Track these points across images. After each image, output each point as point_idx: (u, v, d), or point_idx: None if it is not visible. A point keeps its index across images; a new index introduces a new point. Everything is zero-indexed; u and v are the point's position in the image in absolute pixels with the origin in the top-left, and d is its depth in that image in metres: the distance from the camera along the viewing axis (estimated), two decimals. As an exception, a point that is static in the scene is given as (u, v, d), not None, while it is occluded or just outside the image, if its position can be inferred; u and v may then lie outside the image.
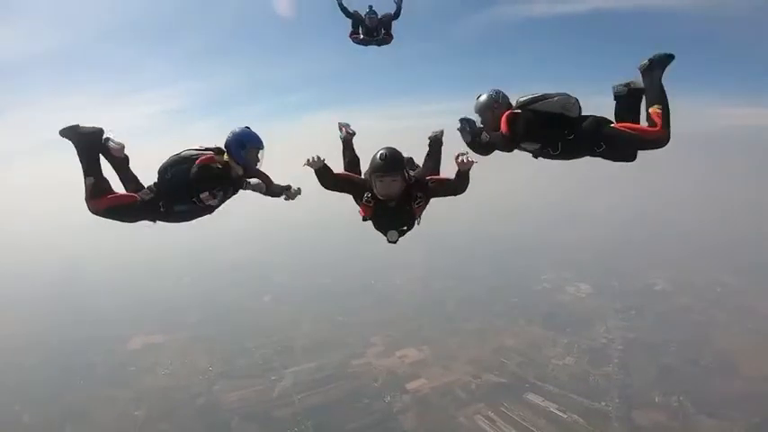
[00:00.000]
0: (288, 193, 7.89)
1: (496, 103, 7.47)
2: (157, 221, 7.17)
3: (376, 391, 62.37)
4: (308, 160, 6.70)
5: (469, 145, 7.49)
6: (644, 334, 70.23)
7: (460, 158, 6.58)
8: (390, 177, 6.51)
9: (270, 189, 7.60)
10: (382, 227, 7.28)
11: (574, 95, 7.19)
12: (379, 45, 13.70)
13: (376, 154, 6.60)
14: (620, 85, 7.43)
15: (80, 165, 6.92)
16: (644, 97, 7.13)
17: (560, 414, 56.11)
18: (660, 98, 6.81)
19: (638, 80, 7.21)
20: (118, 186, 7.15)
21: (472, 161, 6.59)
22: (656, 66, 6.94)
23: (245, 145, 6.89)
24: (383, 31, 13.56)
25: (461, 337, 73.24)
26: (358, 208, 7.25)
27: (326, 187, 7.00)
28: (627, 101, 7.40)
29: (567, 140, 7.10)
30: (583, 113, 7.21)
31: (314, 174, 6.84)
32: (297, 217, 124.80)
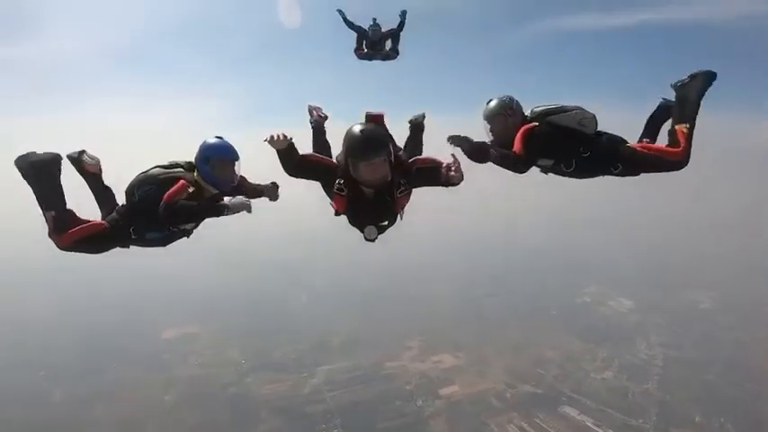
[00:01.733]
0: (267, 193, 6.98)
1: (510, 110, 6.96)
2: (131, 247, 6.77)
3: (408, 394, 63.69)
4: (272, 137, 5.75)
5: (470, 153, 6.59)
6: (686, 352, 70.15)
7: (452, 170, 5.74)
8: (379, 159, 5.59)
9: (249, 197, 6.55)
10: (359, 222, 6.43)
11: (591, 110, 6.92)
12: (383, 59, 13.55)
13: (353, 133, 5.65)
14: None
15: (36, 200, 6.51)
16: (672, 110, 6.98)
17: (596, 429, 56.50)
18: (691, 117, 6.65)
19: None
20: (92, 208, 6.82)
21: (462, 176, 5.80)
22: (697, 83, 6.77)
23: (209, 158, 6.32)
24: (389, 46, 13.49)
25: (498, 345, 74.00)
26: (329, 201, 6.29)
27: (290, 172, 6.07)
28: (663, 114, 7.33)
29: (582, 158, 6.80)
30: (599, 131, 6.97)
31: (277, 156, 5.98)
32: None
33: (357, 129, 5.62)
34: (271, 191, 6.93)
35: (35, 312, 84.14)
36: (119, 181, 6.82)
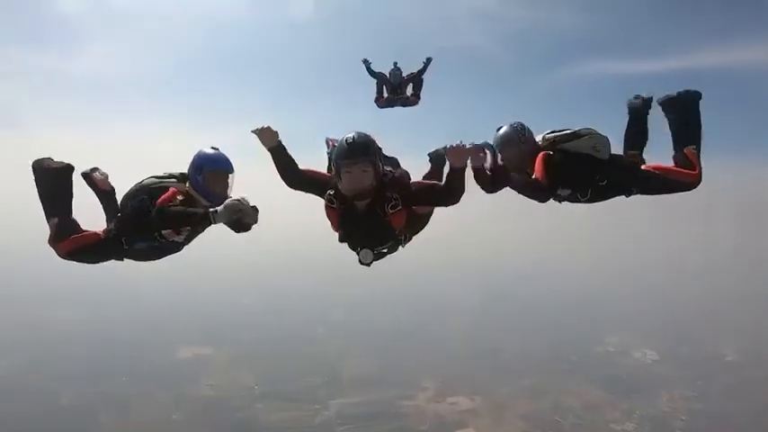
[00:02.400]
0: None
1: (522, 137, 6.87)
2: (124, 259, 6.79)
3: (422, 435, 62.15)
4: (259, 129, 5.98)
5: (491, 172, 6.62)
6: (711, 405, 68.58)
7: (455, 146, 5.68)
8: (360, 166, 5.58)
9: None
10: (353, 241, 6.29)
11: (603, 133, 6.83)
12: (404, 106, 13.05)
13: (342, 139, 5.71)
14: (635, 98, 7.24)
15: (41, 206, 6.71)
16: (673, 136, 7.07)
17: (615, 481, 55.27)
18: (696, 137, 6.80)
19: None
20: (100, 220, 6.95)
21: (469, 150, 5.86)
22: (686, 109, 6.93)
23: (202, 168, 6.28)
24: (411, 92, 13.00)
25: (515, 390, 73.21)
26: (329, 224, 6.35)
27: (289, 183, 6.17)
28: (637, 120, 7.29)
29: (598, 186, 6.76)
30: (613, 155, 6.97)
31: (272, 161, 6.11)
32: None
33: (347, 135, 5.67)
34: (248, 212, 5.79)
35: (53, 320, 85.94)
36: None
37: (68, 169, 6.76)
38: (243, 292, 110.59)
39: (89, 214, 7.10)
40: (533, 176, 6.63)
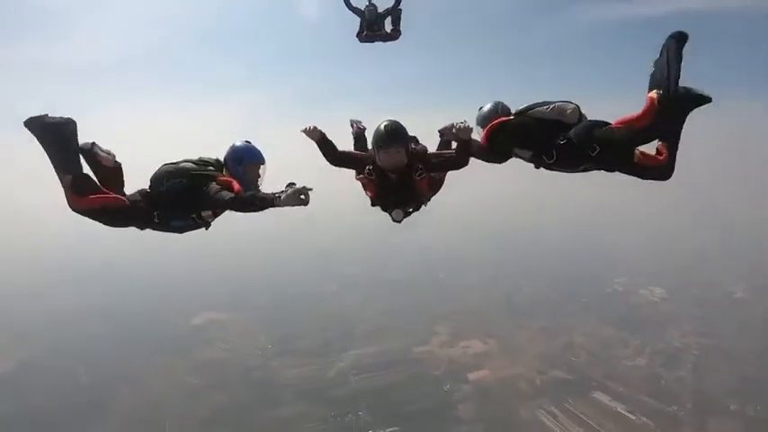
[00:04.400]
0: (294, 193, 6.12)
1: (496, 114, 7.41)
2: (145, 229, 6.97)
3: (436, 379, 65.20)
4: (306, 128, 7.12)
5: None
6: (722, 341, 70.37)
7: (456, 126, 6.81)
8: (395, 149, 6.81)
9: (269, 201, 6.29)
10: (387, 204, 7.49)
11: (574, 102, 6.91)
12: (384, 41, 13.26)
13: (379, 126, 6.93)
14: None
15: (50, 162, 6.56)
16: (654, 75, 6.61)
17: (628, 415, 57.39)
18: (663, 82, 6.30)
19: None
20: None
21: (469, 127, 6.81)
22: (669, 52, 6.39)
23: (242, 160, 6.90)
24: (392, 27, 13.13)
25: (529, 332, 75.24)
26: (365, 192, 7.61)
27: (332, 161, 7.29)
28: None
29: (560, 146, 6.80)
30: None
31: (318, 149, 7.25)
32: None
33: (382, 125, 6.89)
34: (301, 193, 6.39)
35: (69, 302, 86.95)
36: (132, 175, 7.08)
37: (70, 122, 6.53)
38: (256, 254, 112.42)
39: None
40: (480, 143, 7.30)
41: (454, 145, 7.23)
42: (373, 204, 7.64)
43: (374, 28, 13.03)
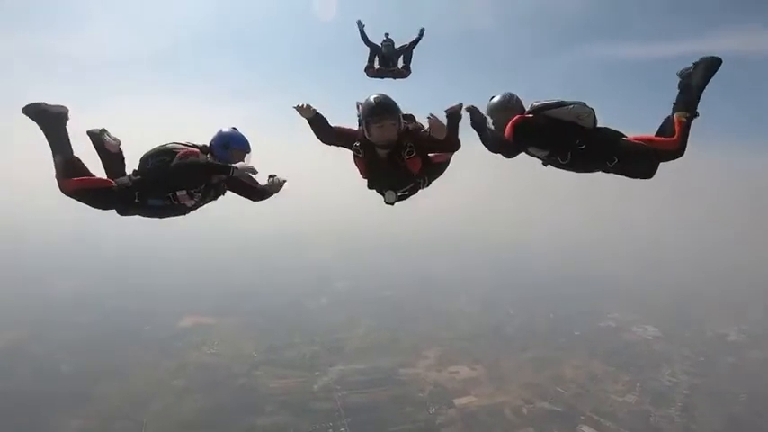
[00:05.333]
0: (271, 183, 7.71)
1: (510, 104, 7.45)
2: (126, 214, 7.18)
3: (421, 401, 64.07)
4: (299, 105, 6.98)
5: (479, 130, 7.22)
6: (712, 382, 70.08)
7: (432, 118, 6.66)
8: (386, 121, 6.62)
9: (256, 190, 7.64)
10: (378, 184, 7.33)
11: (590, 106, 7.09)
12: (394, 77, 13.34)
13: (369, 98, 6.74)
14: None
15: (48, 143, 7.02)
16: (675, 102, 6.97)
17: (615, 450, 56.29)
18: (690, 106, 6.70)
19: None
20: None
21: (443, 128, 6.67)
22: (700, 71, 6.77)
23: (229, 146, 7.14)
24: (402, 64, 13.31)
25: (517, 361, 74.63)
26: (357, 171, 7.40)
27: (323, 140, 7.19)
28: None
29: (578, 150, 7.01)
30: (599, 126, 7.19)
31: (309, 127, 7.12)
32: (367, 225, 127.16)
33: (372, 97, 6.72)
34: (276, 184, 7.74)
35: (59, 291, 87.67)
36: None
37: (62, 110, 7.04)
38: (247, 265, 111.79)
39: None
40: (503, 135, 7.18)
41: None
42: (369, 187, 7.43)
43: (389, 64, 13.20)
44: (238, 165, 7.01)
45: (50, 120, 6.96)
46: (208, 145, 7.23)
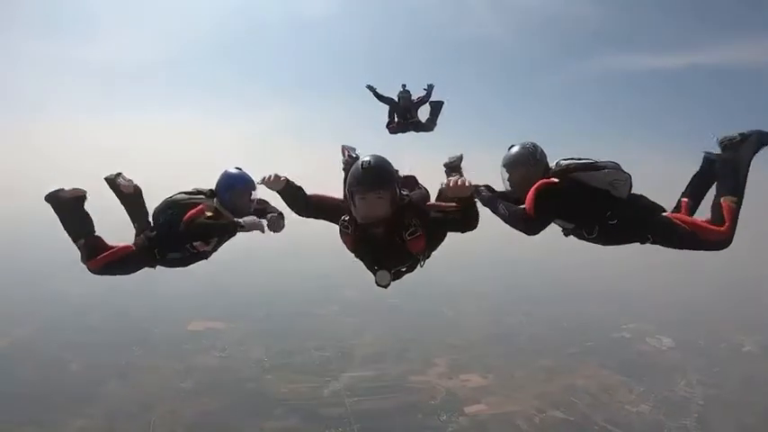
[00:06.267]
0: (270, 224, 7.23)
1: (533, 159, 6.28)
2: (156, 267, 7.23)
3: (432, 409, 63.70)
4: (264, 178, 6.04)
5: (492, 208, 6.25)
6: (728, 393, 69.44)
7: (452, 182, 5.28)
8: (375, 194, 5.18)
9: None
10: (369, 263, 6.01)
11: (626, 171, 6.04)
12: (416, 131, 12.54)
13: (357, 162, 5.34)
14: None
15: (65, 231, 7.10)
16: (717, 181, 6.24)
17: (629, 460, 55.89)
18: (739, 188, 5.93)
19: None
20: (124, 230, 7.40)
21: (469, 185, 5.26)
22: (749, 146, 6.00)
23: (232, 188, 6.90)
24: (428, 117, 12.59)
25: (530, 371, 74.05)
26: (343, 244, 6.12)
27: (300, 213, 6.25)
28: (706, 175, 6.56)
29: (607, 225, 6.05)
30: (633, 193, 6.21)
31: (282, 200, 6.24)
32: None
33: (363, 159, 5.28)
34: (275, 222, 7.25)
35: (68, 294, 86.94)
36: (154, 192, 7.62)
37: (80, 195, 7.12)
38: (258, 271, 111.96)
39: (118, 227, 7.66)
40: (522, 206, 5.99)
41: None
42: (357, 258, 6.15)
43: (407, 116, 12.52)
44: (244, 221, 6.65)
45: (69, 207, 7.02)
46: (214, 189, 7.02)
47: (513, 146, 6.39)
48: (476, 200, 5.53)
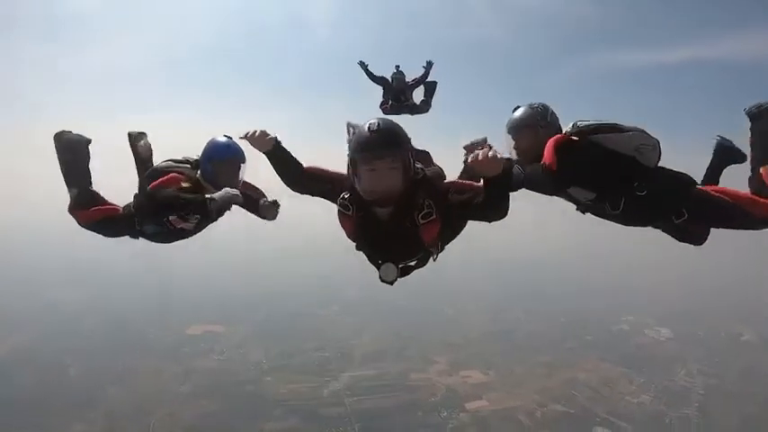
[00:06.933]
0: (262, 210, 6.74)
1: (543, 121, 5.50)
2: (139, 238, 6.69)
3: (432, 406, 63.73)
4: (248, 134, 5.07)
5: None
6: (728, 383, 69.67)
7: (480, 155, 3.95)
8: (386, 162, 4.23)
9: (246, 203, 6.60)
10: (372, 254, 5.23)
11: (654, 136, 5.08)
12: (411, 113, 11.76)
13: (363, 125, 4.36)
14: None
15: (62, 176, 6.84)
16: (750, 152, 5.57)
17: (632, 451, 56.55)
18: None
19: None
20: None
21: (501, 158, 3.98)
22: None
23: (212, 158, 6.16)
24: (423, 99, 11.89)
25: (530, 366, 74.10)
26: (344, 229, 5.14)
27: (290, 184, 5.25)
28: (722, 156, 6.01)
29: (635, 197, 5.09)
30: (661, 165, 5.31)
31: (270, 165, 5.23)
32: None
33: (369, 122, 4.33)
34: (267, 208, 6.71)
35: (66, 299, 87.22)
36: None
37: (86, 141, 7.01)
38: (257, 273, 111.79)
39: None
40: (542, 162, 5.12)
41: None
42: (359, 249, 5.27)
43: (400, 99, 11.84)
44: (217, 195, 5.83)
45: (71, 150, 6.88)
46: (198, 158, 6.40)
47: (518, 107, 5.66)
48: (507, 179, 4.19)
